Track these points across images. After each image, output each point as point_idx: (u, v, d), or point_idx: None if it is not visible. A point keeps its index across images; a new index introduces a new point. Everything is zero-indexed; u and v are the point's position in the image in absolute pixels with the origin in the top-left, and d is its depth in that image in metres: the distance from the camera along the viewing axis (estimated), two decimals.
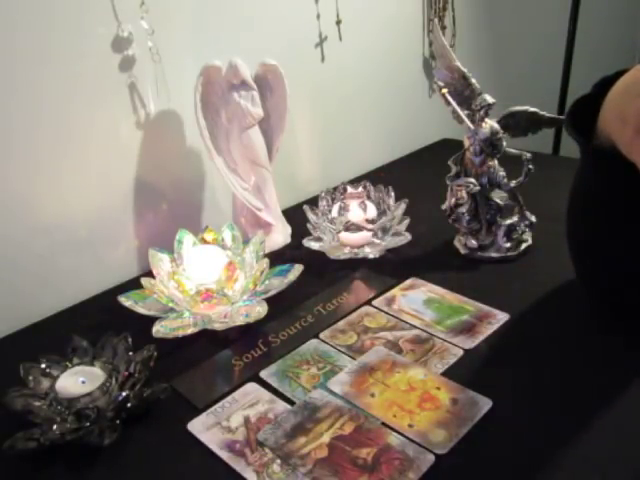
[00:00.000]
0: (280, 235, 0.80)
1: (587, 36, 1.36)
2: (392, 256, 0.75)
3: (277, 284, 0.67)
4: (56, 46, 0.66)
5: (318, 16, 0.92)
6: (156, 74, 0.75)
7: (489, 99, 0.68)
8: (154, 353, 0.55)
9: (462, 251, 0.73)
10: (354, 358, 0.57)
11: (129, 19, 0.70)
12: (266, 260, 0.66)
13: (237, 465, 0.45)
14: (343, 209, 0.74)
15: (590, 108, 0.50)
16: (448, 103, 0.70)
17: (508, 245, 0.71)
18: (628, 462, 0.43)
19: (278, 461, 0.45)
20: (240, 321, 0.61)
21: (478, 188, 0.69)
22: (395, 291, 0.67)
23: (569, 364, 0.53)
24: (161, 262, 0.67)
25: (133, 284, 0.70)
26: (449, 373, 0.53)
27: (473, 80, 0.69)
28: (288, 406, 0.51)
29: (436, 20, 1.10)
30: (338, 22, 0.94)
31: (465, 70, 0.69)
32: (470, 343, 0.57)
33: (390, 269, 0.72)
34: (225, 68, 0.72)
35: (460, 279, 0.68)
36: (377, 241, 0.75)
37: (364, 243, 0.75)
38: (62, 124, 0.69)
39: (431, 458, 0.44)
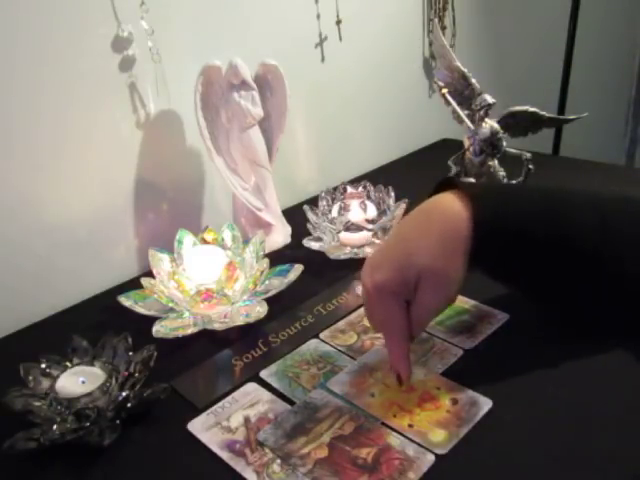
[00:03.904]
0: (280, 235, 0.80)
1: (587, 36, 1.36)
2: None
3: (277, 284, 0.67)
4: (56, 46, 0.66)
5: (318, 16, 0.92)
6: (156, 74, 0.74)
7: (489, 99, 0.68)
8: (154, 353, 0.55)
9: None
10: (354, 358, 0.56)
11: (129, 19, 0.70)
12: (266, 260, 0.66)
13: (237, 465, 0.45)
14: (343, 209, 0.74)
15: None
16: (448, 103, 0.70)
17: None
18: (628, 462, 0.43)
19: (278, 461, 0.45)
20: (240, 321, 0.61)
21: None
22: None
23: (569, 364, 0.53)
24: (161, 262, 0.67)
25: (133, 284, 0.69)
26: (449, 373, 0.53)
27: (473, 80, 0.69)
28: (288, 406, 0.51)
29: (436, 20, 1.11)
30: (338, 22, 0.94)
31: (465, 70, 0.69)
32: (470, 343, 0.57)
33: None
34: (225, 68, 0.72)
35: None
36: (377, 241, 0.75)
37: (364, 243, 0.75)
38: (62, 124, 0.69)
39: (431, 458, 0.44)
